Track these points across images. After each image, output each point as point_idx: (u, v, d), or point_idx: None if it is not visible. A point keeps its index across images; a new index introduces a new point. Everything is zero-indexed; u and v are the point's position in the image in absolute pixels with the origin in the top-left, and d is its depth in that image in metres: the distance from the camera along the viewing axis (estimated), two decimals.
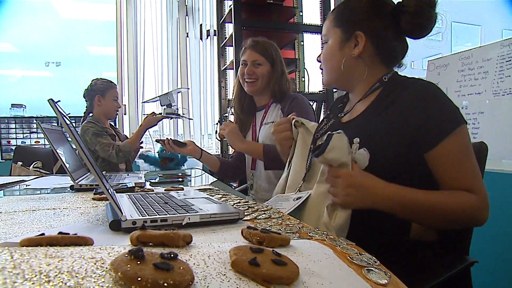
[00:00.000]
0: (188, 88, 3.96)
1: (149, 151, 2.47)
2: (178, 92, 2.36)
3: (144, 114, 2.67)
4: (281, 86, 1.70)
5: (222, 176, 1.91)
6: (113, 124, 2.53)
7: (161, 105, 2.23)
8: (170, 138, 1.83)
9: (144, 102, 2.78)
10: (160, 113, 2.25)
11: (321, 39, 1.06)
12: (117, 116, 2.50)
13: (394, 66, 1.01)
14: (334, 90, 2.74)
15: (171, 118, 2.30)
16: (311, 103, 2.77)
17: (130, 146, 2.17)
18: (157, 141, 2.02)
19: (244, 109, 1.84)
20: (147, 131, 2.27)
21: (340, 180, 0.80)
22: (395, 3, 0.97)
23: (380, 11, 0.96)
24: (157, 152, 2.29)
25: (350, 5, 0.99)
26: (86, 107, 2.36)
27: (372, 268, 0.46)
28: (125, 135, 2.61)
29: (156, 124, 2.31)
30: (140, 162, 2.61)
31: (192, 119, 3.97)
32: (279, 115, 1.68)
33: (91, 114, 2.32)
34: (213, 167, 1.85)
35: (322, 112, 2.75)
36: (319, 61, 1.08)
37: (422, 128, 0.84)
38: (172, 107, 2.22)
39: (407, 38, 0.99)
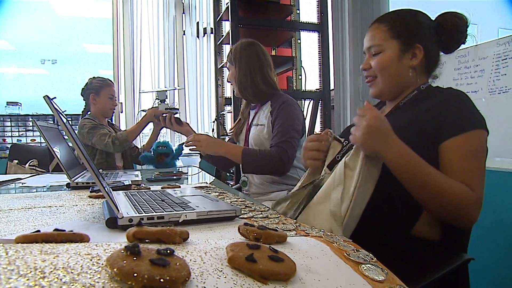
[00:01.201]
0: (183, 88, 3.95)
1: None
2: (174, 90, 2.36)
3: (142, 111, 2.65)
4: (254, 85, 1.66)
5: (211, 161, 1.91)
6: (111, 121, 2.52)
7: (157, 99, 2.23)
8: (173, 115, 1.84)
9: (141, 92, 2.78)
10: (159, 102, 2.24)
11: (368, 50, 1.08)
12: (114, 113, 2.48)
13: (430, 77, 1.10)
14: (331, 88, 2.75)
15: (172, 112, 2.29)
16: (308, 102, 2.78)
17: (127, 135, 2.14)
18: (161, 101, 2.14)
19: (243, 109, 1.87)
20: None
21: (364, 119, 0.82)
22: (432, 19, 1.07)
23: (429, 26, 1.05)
24: (152, 149, 2.28)
25: (405, 18, 1.05)
26: (85, 106, 2.37)
27: (368, 265, 0.47)
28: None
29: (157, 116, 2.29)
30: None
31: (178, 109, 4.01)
32: (267, 117, 1.66)
33: (89, 113, 2.32)
34: None
35: (319, 110, 2.75)
36: (365, 70, 1.10)
37: (442, 121, 0.90)
38: (165, 103, 2.22)
39: None
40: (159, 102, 2.21)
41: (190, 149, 1.69)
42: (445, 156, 0.89)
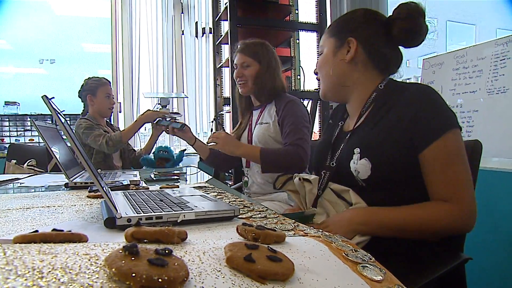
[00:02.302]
0: (187, 97, 3.94)
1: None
2: (176, 97, 2.37)
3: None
4: (271, 84, 1.70)
5: (210, 163, 1.93)
6: (109, 121, 2.50)
7: (158, 104, 2.23)
8: (173, 127, 1.85)
9: (146, 96, 2.77)
10: (160, 108, 2.24)
11: (317, 52, 1.08)
12: (112, 113, 2.47)
13: (390, 75, 1.03)
14: None
15: (171, 119, 2.29)
16: (307, 101, 2.78)
17: (122, 136, 2.12)
18: (162, 106, 2.15)
19: (242, 108, 1.87)
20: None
21: (332, 229, 0.86)
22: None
23: (372, 19, 1.00)
24: (153, 153, 2.28)
25: (345, 16, 1.04)
26: (83, 107, 2.36)
27: (367, 265, 0.47)
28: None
29: (154, 120, 2.29)
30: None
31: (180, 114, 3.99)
32: (273, 116, 1.68)
33: (87, 114, 2.32)
34: (203, 154, 1.85)
35: (317, 110, 2.76)
36: (316, 74, 1.10)
37: (415, 129, 0.85)
38: (167, 108, 2.22)
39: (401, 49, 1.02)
40: (161, 108, 2.21)
41: (210, 146, 1.69)
42: (426, 166, 0.86)
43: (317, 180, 1.01)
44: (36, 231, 0.45)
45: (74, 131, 2.20)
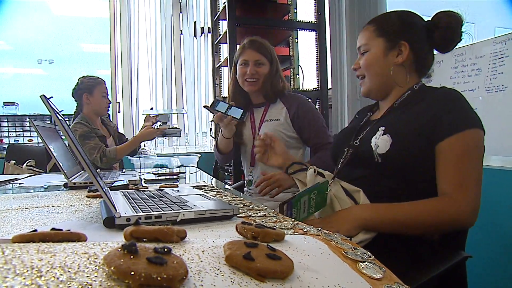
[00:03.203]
0: (186, 112, 3.93)
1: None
2: (176, 113, 2.37)
3: (143, 114, 2.63)
4: (281, 84, 1.75)
5: (228, 156, 1.90)
6: (105, 118, 2.46)
7: (158, 120, 2.24)
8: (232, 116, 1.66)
9: (144, 113, 2.78)
10: (160, 124, 2.23)
11: (358, 50, 1.11)
12: (109, 112, 2.45)
13: (424, 77, 1.09)
14: (329, 87, 2.75)
15: (168, 135, 2.30)
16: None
17: (116, 153, 2.10)
18: (162, 123, 2.14)
19: (237, 105, 1.84)
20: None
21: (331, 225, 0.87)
22: (425, 19, 1.07)
23: (417, 24, 1.05)
24: None
25: (391, 17, 1.06)
26: (76, 106, 2.31)
27: (366, 263, 0.47)
28: (117, 129, 2.57)
29: (153, 139, 2.28)
30: (135, 160, 2.60)
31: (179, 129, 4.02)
32: (283, 113, 1.72)
33: (81, 114, 2.25)
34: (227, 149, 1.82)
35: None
36: (356, 69, 1.12)
37: (438, 121, 0.90)
38: (167, 124, 2.23)
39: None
40: (161, 124, 2.21)
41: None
42: (440, 157, 0.89)
43: (330, 176, 1.02)
44: (35, 230, 0.44)
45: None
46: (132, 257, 0.32)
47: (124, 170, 2.13)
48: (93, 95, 2.23)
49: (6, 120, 3.85)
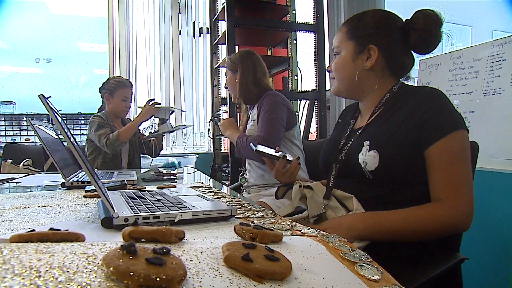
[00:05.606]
0: (184, 111, 3.94)
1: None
2: (172, 112, 2.36)
3: (138, 107, 2.62)
4: (244, 90, 1.80)
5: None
6: (127, 120, 2.47)
7: (156, 117, 2.26)
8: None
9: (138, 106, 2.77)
10: (159, 103, 2.24)
11: (332, 50, 1.09)
12: (128, 117, 2.47)
13: (402, 78, 1.06)
14: (327, 89, 2.75)
15: (171, 131, 2.30)
16: (304, 102, 2.79)
17: (119, 136, 2.10)
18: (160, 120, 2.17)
19: (244, 111, 1.98)
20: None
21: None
22: (403, 20, 1.03)
23: (391, 26, 1.01)
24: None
25: (364, 19, 1.03)
26: (102, 103, 2.39)
27: (364, 264, 0.47)
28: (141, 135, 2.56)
29: (151, 117, 2.27)
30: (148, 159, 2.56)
31: (184, 110, 3.97)
32: (256, 113, 1.77)
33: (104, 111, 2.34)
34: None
35: (315, 111, 2.76)
36: (329, 71, 1.11)
37: (424, 126, 0.88)
38: (166, 122, 2.24)
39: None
40: (160, 123, 2.21)
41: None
42: (430, 162, 0.88)
43: (319, 185, 1.01)
44: (33, 230, 0.44)
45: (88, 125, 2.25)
46: (131, 257, 0.33)
47: (141, 170, 2.14)
48: (113, 96, 2.29)
49: (3, 119, 3.84)
